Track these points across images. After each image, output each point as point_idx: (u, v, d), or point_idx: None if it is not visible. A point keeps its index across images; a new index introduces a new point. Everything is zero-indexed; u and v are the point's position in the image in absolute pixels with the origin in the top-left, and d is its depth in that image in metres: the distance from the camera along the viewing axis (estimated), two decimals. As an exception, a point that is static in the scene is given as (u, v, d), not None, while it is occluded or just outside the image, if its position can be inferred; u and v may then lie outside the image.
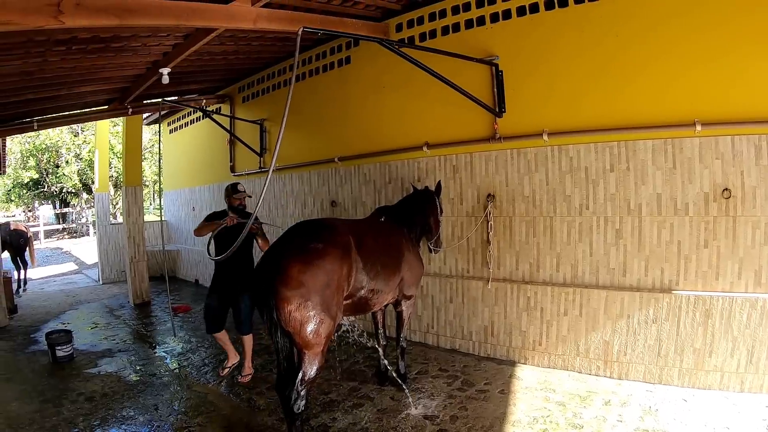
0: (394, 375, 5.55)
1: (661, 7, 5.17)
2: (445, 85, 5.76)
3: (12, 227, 12.66)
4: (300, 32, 3.84)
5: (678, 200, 5.19)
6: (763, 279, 4.84)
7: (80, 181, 27.91)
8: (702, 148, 5.05)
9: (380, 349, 5.67)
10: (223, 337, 6.21)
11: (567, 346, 5.74)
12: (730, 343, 4.90)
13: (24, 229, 12.92)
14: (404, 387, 5.38)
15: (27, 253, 12.70)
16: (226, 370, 6.23)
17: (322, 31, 4.31)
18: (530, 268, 6.08)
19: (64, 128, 26.34)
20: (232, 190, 6.38)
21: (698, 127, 4.95)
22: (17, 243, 12.33)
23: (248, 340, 6.14)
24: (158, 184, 13.08)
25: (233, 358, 6.35)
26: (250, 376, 6.05)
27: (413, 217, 5.63)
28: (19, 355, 7.33)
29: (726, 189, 4.94)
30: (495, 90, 6.15)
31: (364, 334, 5.86)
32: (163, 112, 12.18)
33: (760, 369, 4.80)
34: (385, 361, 5.64)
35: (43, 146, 27.19)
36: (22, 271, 12.80)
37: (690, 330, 5.07)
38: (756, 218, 4.85)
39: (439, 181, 6.18)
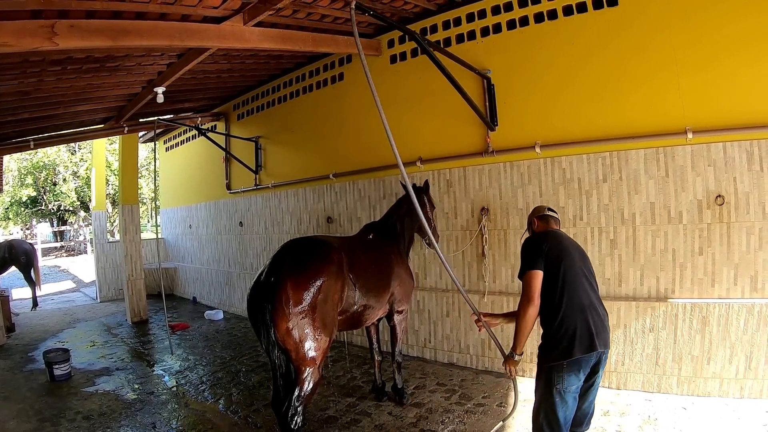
0: (391, 390, 5.56)
1: (650, 17, 5.22)
2: (438, 100, 5.80)
3: (11, 244, 12.61)
4: (354, 5, 3.80)
5: (672, 208, 5.21)
6: (759, 284, 4.85)
7: (78, 198, 27.87)
8: (694, 155, 5.08)
9: (376, 364, 5.67)
10: None
11: (564, 357, 5.72)
12: (728, 350, 4.90)
13: (28, 247, 12.79)
14: (402, 402, 5.39)
15: (33, 271, 12.58)
16: None
17: (372, 11, 4.25)
18: (526, 280, 6.06)
19: (62, 146, 26.34)
20: None
21: (690, 135, 4.98)
22: (19, 260, 12.26)
23: None
24: (155, 201, 13.07)
25: None
26: None
27: (401, 229, 5.62)
28: (16, 374, 7.31)
29: (719, 196, 4.97)
30: (487, 103, 6.20)
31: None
32: (158, 131, 12.22)
33: (759, 374, 4.79)
34: (380, 375, 5.68)
35: (41, 164, 27.16)
36: (35, 289, 12.74)
37: (687, 338, 5.07)
38: (750, 224, 4.87)
39: (426, 180, 6.13)
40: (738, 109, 4.82)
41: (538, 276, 3.35)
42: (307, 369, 4.07)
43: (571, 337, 3.24)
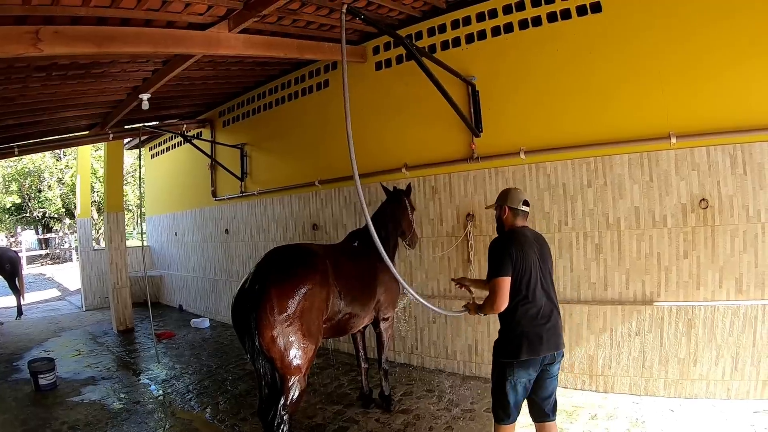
0: (379, 397, 5.56)
1: (634, 23, 5.27)
2: (423, 107, 5.81)
3: None
4: (344, 9, 3.82)
5: (656, 212, 5.25)
6: (744, 286, 4.89)
7: (63, 205, 27.67)
8: (678, 160, 5.13)
9: (362, 371, 5.66)
10: None
11: (552, 361, 5.73)
12: (714, 352, 4.94)
13: (12, 255, 12.69)
14: (389, 409, 5.39)
15: (17, 280, 12.43)
16: None
17: (363, 16, 4.25)
18: (512, 286, 6.08)
19: (47, 153, 26.15)
20: None
21: (673, 140, 5.04)
22: (3, 269, 12.11)
23: None
24: (141, 209, 12.98)
25: None
26: None
27: (385, 235, 5.53)
28: (1, 384, 7.21)
29: (703, 199, 5.01)
30: (472, 110, 6.22)
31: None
32: (144, 138, 12.15)
33: (746, 375, 4.84)
34: (366, 382, 5.66)
35: (26, 170, 26.96)
36: (20, 298, 12.57)
37: (673, 340, 5.10)
38: (734, 226, 4.92)
39: (409, 183, 6.21)
40: (721, 114, 4.87)
41: (507, 283, 3.58)
42: (293, 377, 4.05)
43: (521, 342, 3.58)
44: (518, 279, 3.60)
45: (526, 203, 3.94)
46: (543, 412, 3.76)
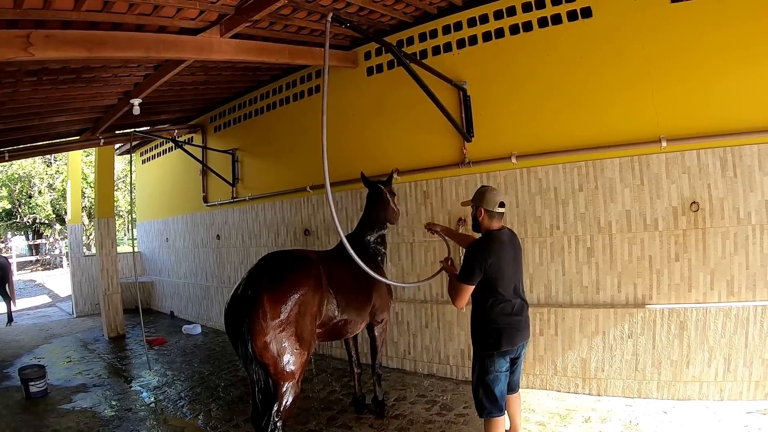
0: (372, 402, 5.54)
1: (625, 28, 5.30)
2: (414, 112, 5.81)
3: None
4: (330, 17, 3.89)
5: (647, 216, 5.27)
6: (735, 288, 4.92)
7: (53, 211, 27.50)
8: (668, 163, 5.15)
9: (355, 377, 5.63)
10: None
11: (544, 365, 5.74)
12: (707, 353, 4.95)
13: (3, 261, 12.58)
14: (383, 414, 5.37)
15: (8, 286, 12.34)
16: None
17: (349, 23, 4.31)
18: (504, 290, 6.09)
19: (37, 158, 25.99)
20: None
21: (664, 143, 5.06)
22: None
23: None
24: (131, 214, 12.90)
25: None
26: None
27: (374, 235, 5.58)
28: (-9, 392, 7.14)
29: (694, 202, 5.03)
30: (463, 115, 6.23)
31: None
32: (135, 143, 12.10)
33: (738, 376, 4.85)
34: (359, 387, 5.64)
35: (16, 176, 26.77)
36: (11, 304, 12.51)
37: (666, 342, 5.11)
38: (725, 229, 4.94)
39: (392, 172, 6.27)
40: (711, 117, 4.90)
41: (469, 291, 3.95)
42: (286, 383, 4.03)
43: (499, 335, 3.90)
44: (493, 281, 3.90)
45: (501, 205, 4.10)
46: (510, 389, 4.13)
